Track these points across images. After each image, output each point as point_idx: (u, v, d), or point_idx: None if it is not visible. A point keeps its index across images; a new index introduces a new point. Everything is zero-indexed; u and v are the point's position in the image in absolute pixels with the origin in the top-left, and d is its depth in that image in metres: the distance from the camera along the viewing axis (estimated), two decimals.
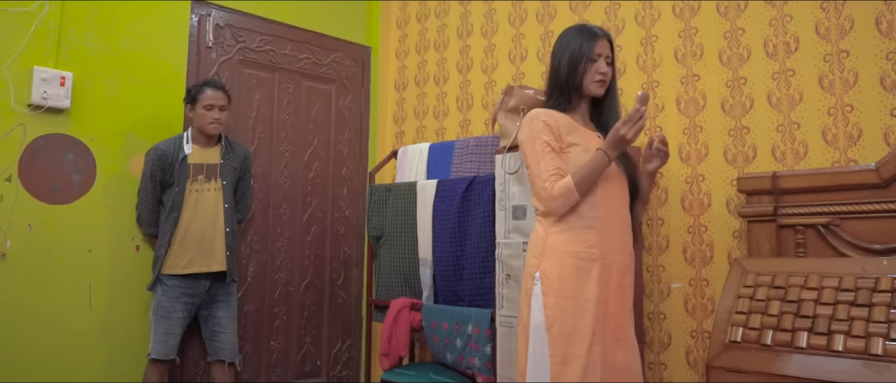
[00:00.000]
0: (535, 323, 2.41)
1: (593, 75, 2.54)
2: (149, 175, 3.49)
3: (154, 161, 3.48)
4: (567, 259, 2.41)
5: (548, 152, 2.46)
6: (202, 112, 3.55)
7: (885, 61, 2.86)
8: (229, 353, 3.62)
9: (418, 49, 4.85)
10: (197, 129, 3.60)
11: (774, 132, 3.13)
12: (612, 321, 2.42)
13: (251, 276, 4.12)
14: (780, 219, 2.87)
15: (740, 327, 2.55)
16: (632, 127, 2.30)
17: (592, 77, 2.54)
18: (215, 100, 3.56)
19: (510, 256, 3.23)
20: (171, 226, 3.46)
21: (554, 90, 2.61)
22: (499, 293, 3.28)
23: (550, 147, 2.46)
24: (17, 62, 3.36)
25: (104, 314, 3.58)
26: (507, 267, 3.24)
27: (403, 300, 3.80)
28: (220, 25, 4.06)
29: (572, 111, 2.60)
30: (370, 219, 4.18)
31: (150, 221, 3.57)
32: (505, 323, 3.23)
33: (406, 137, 4.85)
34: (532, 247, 2.51)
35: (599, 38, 2.56)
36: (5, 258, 3.30)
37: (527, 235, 3.18)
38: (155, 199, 3.52)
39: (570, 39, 2.58)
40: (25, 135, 3.38)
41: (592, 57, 2.53)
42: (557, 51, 2.61)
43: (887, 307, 2.32)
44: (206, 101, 3.54)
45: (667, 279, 3.41)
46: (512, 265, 3.22)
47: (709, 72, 3.36)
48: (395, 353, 3.70)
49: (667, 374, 3.37)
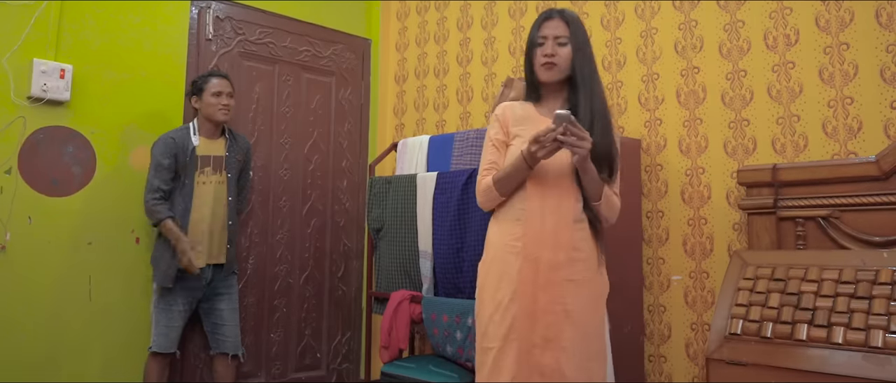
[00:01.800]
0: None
1: (539, 59, 2.38)
2: (163, 160, 3.41)
3: (170, 146, 3.43)
4: (494, 251, 2.39)
5: (490, 147, 2.45)
6: (210, 100, 3.54)
7: (885, 53, 2.86)
8: (232, 346, 3.62)
9: (418, 41, 4.85)
10: (204, 118, 3.58)
11: (774, 124, 3.13)
12: (542, 320, 2.26)
13: (251, 269, 4.12)
14: (780, 211, 2.87)
15: (740, 319, 2.55)
16: (541, 147, 2.19)
17: (538, 61, 2.38)
18: (223, 88, 3.56)
19: None
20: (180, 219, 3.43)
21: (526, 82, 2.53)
22: None
23: (493, 142, 2.45)
24: (17, 54, 3.35)
25: (104, 306, 3.58)
26: None
27: (403, 292, 3.80)
28: (220, 18, 4.05)
29: (542, 100, 2.47)
30: (370, 211, 4.17)
31: (162, 207, 3.40)
32: None
33: (406, 130, 4.85)
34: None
35: (546, 19, 2.40)
36: (5, 250, 3.30)
37: None
38: (168, 185, 3.43)
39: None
40: (25, 128, 3.38)
41: (538, 41, 2.39)
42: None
43: (887, 299, 2.33)
44: (214, 89, 3.55)
45: (667, 271, 3.42)
46: None
47: (709, 64, 3.35)
48: (395, 346, 3.70)
49: (667, 366, 3.38)
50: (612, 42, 3.71)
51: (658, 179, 3.47)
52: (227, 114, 3.60)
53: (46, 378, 3.38)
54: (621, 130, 3.62)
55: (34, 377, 3.34)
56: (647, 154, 3.52)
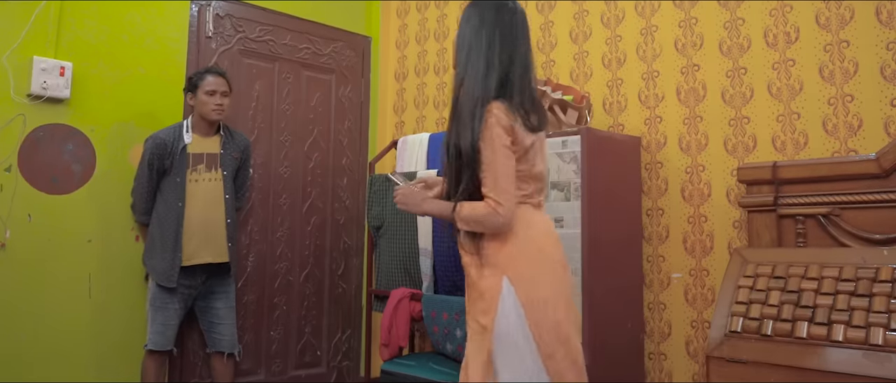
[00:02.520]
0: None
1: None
2: (147, 163, 3.45)
3: (152, 149, 3.45)
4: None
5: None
6: (204, 98, 3.53)
7: (886, 51, 2.86)
8: (228, 344, 3.62)
9: (418, 39, 4.84)
10: (198, 117, 3.58)
11: (774, 122, 3.13)
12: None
13: (251, 266, 4.12)
14: (781, 209, 2.87)
15: (740, 317, 2.55)
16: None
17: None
18: (217, 86, 3.54)
19: None
20: (174, 218, 3.44)
21: None
22: None
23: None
24: (17, 52, 3.35)
25: (103, 304, 3.58)
26: None
27: (403, 290, 3.80)
28: (220, 15, 4.05)
29: None
30: (370, 208, 4.17)
31: (144, 209, 3.54)
32: None
33: (406, 127, 4.84)
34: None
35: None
36: (5, 248, 3.30)
37: None
38: (151, 188, 3.49)
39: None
40: (25, 126, 3.37)
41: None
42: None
43: (887, 297, 2.32)
44: (208, 87, 3.53)
45: (667, 269, 3.42)
46: None
47: (709, 62, 3.35)
48: (395, 344, 3.70)
49: (667, 364, 3.38)
50: (612, 39, 3.71)
51: (658, 177, 3.47)
52: (220, 114, 3.58)
53: (45, 375, 3.38)
54: (621, 128, 3.62)
55: (33, 374, 3.34)
56: (647, 151, 3.52)
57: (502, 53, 2.19)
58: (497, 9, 2.25)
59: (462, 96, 2.20)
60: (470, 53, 2.22)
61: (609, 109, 3.69)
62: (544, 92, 3.32)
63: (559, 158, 3.13)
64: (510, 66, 2.19)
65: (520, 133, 2.12)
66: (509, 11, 2.26)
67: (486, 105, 2.12)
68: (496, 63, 2.18)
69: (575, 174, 3.05)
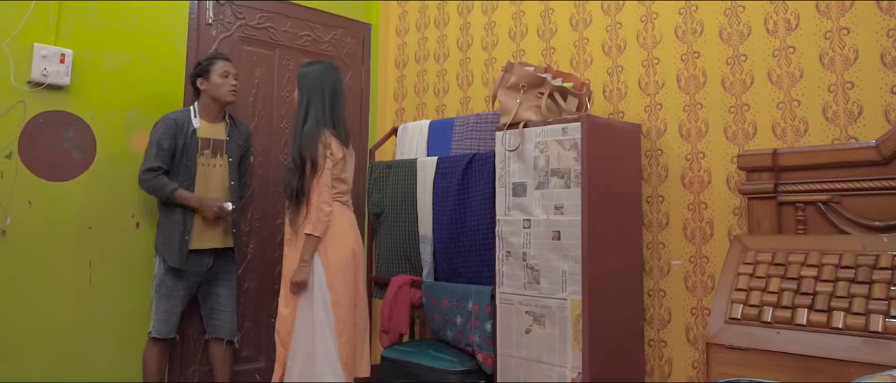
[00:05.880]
0: None
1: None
2: (156, 143, 3.43)
3: (166, 127, 3.45)
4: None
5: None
6: (219, 80, 3.56)
7: (886, 38, 2.85)
8: (228, 331, 3.64)
9: (418, 26, 4.83)
10: (207, 102, 3.59)
11: (775, 109, 3.13)
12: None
13: (251, 253, 4.13)
14: (781, 196, 2.87)
15: (740, 304, 2.56)
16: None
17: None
18: (230, 69, 3.63)
19: (510, 233, 3.24)
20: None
21: None
22: (499, 270, 3.29)
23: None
24: (17, 39, 3.34)
25: (104, 290, 3.59)
26: (508, 244, 3.25)
27: (404, 277, 3.81)
28: (220, 2, 4.03)
29: None
30: (370, 195, 4.18)
31: (168, 182, 3.42)
32: (505, 300, 3.24)
33: (406, 114, 4.84)
34: None
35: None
36: (5, 235, 3.30)
37: (527, 212, 3.19)
38: (166, 165, 3.44)
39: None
40: (25, 113, 3.37)
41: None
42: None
43: (887, 284, 2.33)
44: (222, 70, 3.59)
45: (667, 256, 3.42)
46: (512, 242, 3.23)
47: (709, 49, 3.35)
48: (395, 330, 3.72)
49: (667, 351, 3.39)
50: (612, 26, 3.71)
51: (658, 164, 3.47)
52: (235, 95, 3.65)
53: (46, 362, 3.39)
54: (622, 115, 3.62)
55: (33, 361, 3.36)
56: (647, 139, 3.52)
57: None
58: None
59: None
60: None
61: (609, 96, 3.69)
62: (544, 79, 3.32)
63: (559, 145, 3.13)
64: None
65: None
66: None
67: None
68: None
69: (575, 161, 3.05)
